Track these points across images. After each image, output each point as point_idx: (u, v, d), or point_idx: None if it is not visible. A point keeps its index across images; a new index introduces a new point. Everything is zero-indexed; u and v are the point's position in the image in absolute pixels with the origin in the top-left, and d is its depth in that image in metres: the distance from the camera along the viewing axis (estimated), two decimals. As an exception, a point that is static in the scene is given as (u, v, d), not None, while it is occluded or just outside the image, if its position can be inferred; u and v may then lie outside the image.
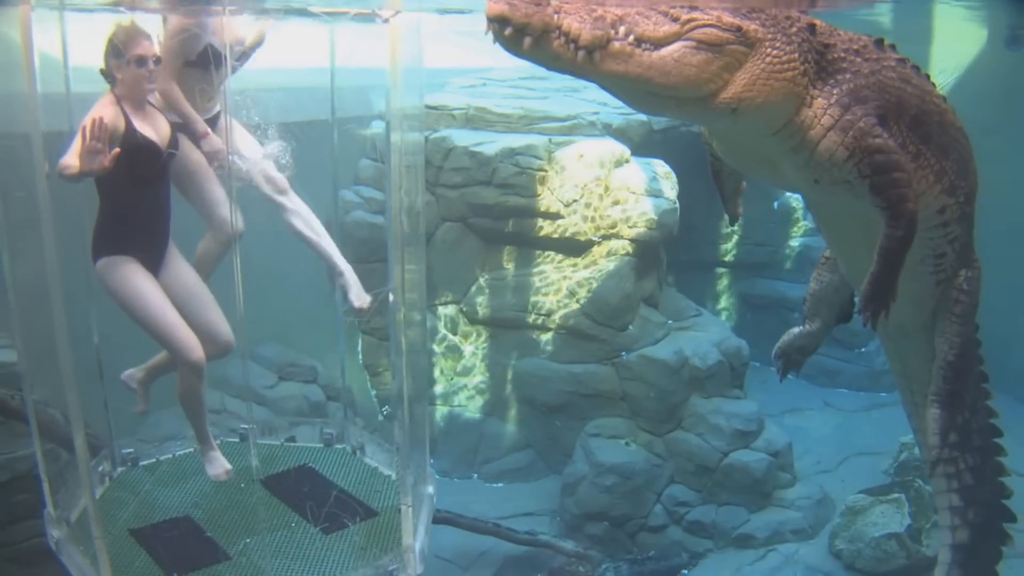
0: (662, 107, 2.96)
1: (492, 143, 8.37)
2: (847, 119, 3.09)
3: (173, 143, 4.51)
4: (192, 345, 4.43)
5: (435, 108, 8.69)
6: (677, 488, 7.83)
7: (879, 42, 3.32)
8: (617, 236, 8.23)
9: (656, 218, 8.19)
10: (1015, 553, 7.44)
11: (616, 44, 2.60)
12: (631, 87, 2.78)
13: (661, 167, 8.51)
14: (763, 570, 7.39)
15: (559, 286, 8.38)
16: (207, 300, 4.71)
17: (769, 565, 7.44)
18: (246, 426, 5.61)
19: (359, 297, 5.18)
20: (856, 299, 4.40)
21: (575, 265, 8.37)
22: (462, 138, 8.46)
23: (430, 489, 4.97)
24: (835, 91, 3.11)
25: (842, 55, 3.15)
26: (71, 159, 3.83)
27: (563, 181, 8.16)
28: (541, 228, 8.32)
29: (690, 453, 7.83)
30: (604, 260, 8.28)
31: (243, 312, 4.04)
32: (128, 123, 4.25)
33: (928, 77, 3.49)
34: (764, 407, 8.47)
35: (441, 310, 8.71)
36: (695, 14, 2.74)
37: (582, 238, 8.22)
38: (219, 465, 4.92)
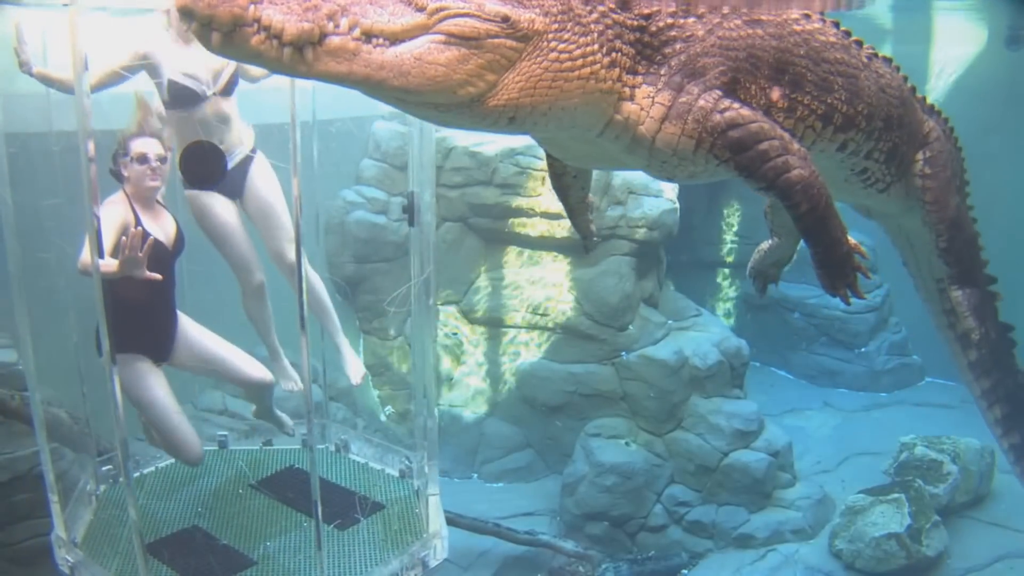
0: (423, 114, 2.43)
1: (492, 143, 8.37)
2: (682, 102, 2.52)
3: (180, 242, 4.58)
4: (191, 447, 4.59)
5: (435, 108, 8.69)
6: (677, 488, 7.84)
7: None
8: (617, 236, 8.23)
9: (656, 218, 8.20)
10: (1015, 553, 7.49)
11: (335, 40, 2.07)
12: (371, 92, 2.26)
13: (661, 167, 8.51)
14: (763, 570, 7.39)
15: (559, 286, 8.39)
16: (226, 354, 4.80)
17: (769, 565, 7.44)
18: (224, 433, 5.72)
19: (356, 372, 5.41)
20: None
21: (575, 265, 8.37)
22: (462, 138, 8.47)
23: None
24: (663, 71, 2.53)
25: (668, 22, 2.57)
26: (90, 258, 3.82)
27: (563, 181, 8.16)
28: (541, 228, 8.32)
29: (690, 453, 7.83)
30: (604, 260, 8.28)
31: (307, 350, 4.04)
32: (138, 223, 4.33)
33: None
34: (764, 407, 8.48)
35: (441, 310, 8.71)
36: (448, 1, 2.20)
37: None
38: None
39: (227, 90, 4.79)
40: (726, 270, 11.61)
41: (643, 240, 8.23)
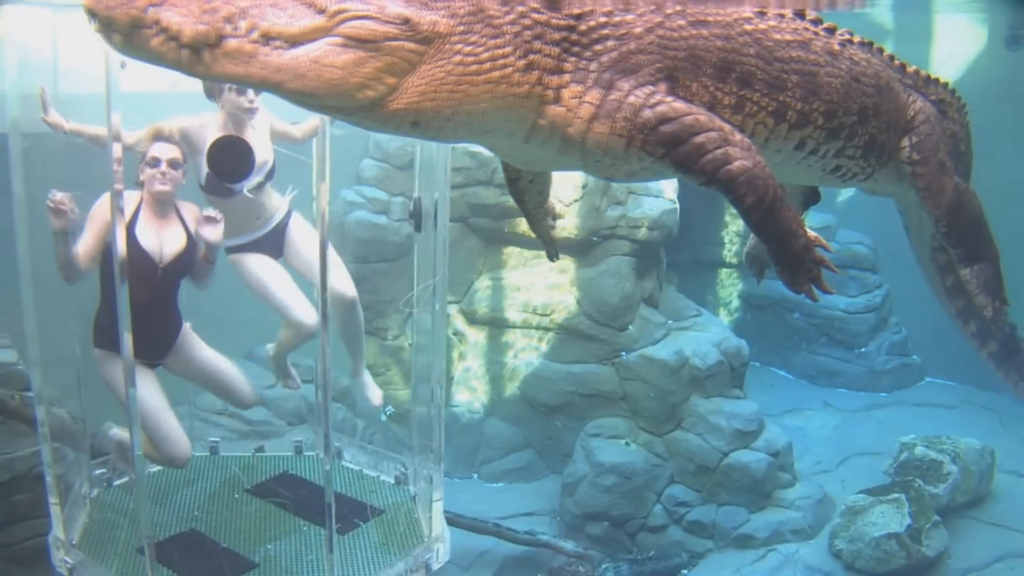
0: (331, 116, 2.41)
1: (492, 143, 8.37)
2: (612, 100, 2.44)
3: (181, 259, 4.49)
4: (178, 447, 4.51)
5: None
6: (677, 488, 7.84)
7: None
8: (617, 236, 8.23)
9: (656, 218, 8.20)
10: (1015, 553, 7.49)
11: (232, 42, 2.09)
12: (271, 93, 2.27)
13: (661, 167, 8.50)
14: (763, 570, 7.39)
15: (559, 286, 8.38)
16: (223, 374, 4.81)
17: (769, 565, 7.44)
18: (215, 439, 5.73)
19: (375, 396, 5.50)
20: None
21: (575, 265, 8.37)
22: (462, 138, 8.45)
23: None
24: (592, 68, 2.45)
25: (602, 21, 2.49)
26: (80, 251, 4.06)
27: (563, 181, 8.16)
28: (541, 228, 8.31)
29: (690, 453, 7.83)
30: (604, 260, 8.28)
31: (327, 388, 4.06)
32: (134, 222, 4.31)
33: None
34: (764, 407, 8.48)
35: (441, 310, 8.71)
36: (349, 3, 2.18)
37: (582, 238, 8.22)
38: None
39: (260, 186, 4.84)
40: (726, 270, 11.61)
41: (643, 240, 8.23)
